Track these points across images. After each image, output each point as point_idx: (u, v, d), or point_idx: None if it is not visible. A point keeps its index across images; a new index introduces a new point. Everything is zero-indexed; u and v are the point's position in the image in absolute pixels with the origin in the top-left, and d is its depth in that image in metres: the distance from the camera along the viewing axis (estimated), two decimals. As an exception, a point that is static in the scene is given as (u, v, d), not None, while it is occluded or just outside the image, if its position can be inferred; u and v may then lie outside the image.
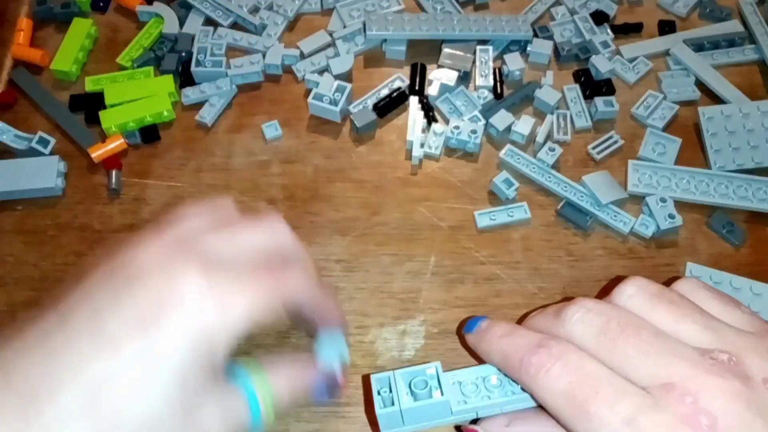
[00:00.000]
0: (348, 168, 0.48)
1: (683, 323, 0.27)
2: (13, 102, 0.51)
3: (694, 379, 0.24)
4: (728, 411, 0.24)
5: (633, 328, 0.27)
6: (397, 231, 0.45)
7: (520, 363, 0.27)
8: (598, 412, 0.25)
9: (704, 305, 0.28)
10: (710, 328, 0.27)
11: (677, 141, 0.48)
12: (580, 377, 0.26)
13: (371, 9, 0.54)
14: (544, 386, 0.26)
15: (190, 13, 0.54)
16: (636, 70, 0.52)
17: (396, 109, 0.50)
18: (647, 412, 0.24)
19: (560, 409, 0.26)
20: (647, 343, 0.26)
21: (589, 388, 0.25)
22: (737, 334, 0.26)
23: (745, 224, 0.45)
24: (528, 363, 0.27)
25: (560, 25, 0.54)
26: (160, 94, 0.50)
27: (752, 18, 0.53)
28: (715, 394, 0.24)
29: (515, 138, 0.48)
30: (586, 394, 0.25)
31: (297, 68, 0.52)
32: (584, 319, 0.28)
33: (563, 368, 0.26)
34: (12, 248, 0.45)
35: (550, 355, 0.27)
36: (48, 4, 0.55)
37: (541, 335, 0.28)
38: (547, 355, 0.27)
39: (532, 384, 0.27)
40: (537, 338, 0.28)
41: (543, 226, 0.45)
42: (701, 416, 0.24)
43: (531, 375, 0.27)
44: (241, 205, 0.46)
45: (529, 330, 0.29)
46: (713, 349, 0.26)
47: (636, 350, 0.26)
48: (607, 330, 0.27)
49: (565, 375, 0.26)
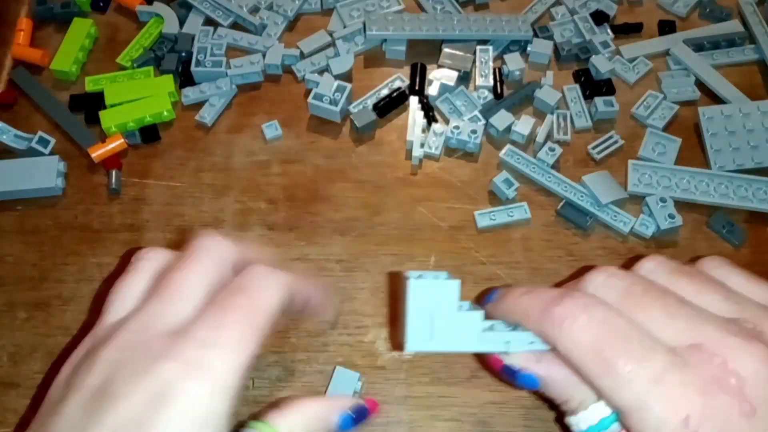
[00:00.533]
0: (348, 168, 0.48)
1: (705, 294, 0.26)
2: (13, 102, 0.51)
3: (723, 341, 0.24)
4: (757, 374, 0.23)
5: (658, 292, 0.26)
6: (397, 231, 0.45)
7: (543, 313, 0.26)
8: (625, 367, 0.24)
9: (726, 281, 0.28)
10: (732, 300, 0.26)
11: (677, 141, 0.48)
12: (607, 330, 0.24)
13: (371, 9, 0.54)
14: (569, 337, 0.25)
15: (190, 13, 0.54)
16: (636, 70, 0.52)
17: (396, 109, 0.50)
18: (675, 371, 0.23)
19: (585, 363, 0.25)
20: (673, 306, 0.25)
21: (617, 342, 0.24)
22: (759, 307, 0.26)
23: (745, 224, 0.45)
24: (551, 313, 0.25)
25: (560, 25, 0.54)
26: (160, 94, 0.50)
27: (752, 18, 0.53)
28: (744, 357, 0.24)
29: (515, 138, 0.48)
30: (615, 348, 0.24)
31: (297, 68, 0.52)
32: (607, 282, 0.27)
33: (590, 320, 0.25)
34: (12, 248, 0.45)
35: (575, 305, 0.25)
36: (48, 4, 0.55)
37: (563, 289, 0.27)
38: (572, 304, 0.25)
39: (555, 334, 0.25)
40: (560, 291, 0.27)
41: (543, 226, 0.45)
42: (730, 377, 0.23)
43: (554, 325, 0.25)
44: (240, 205, 0.46)
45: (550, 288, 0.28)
46: (738, 318, 0.25)
47: (662, 312, 0.25)
48: (631, 292, 0.26)
49: (593, 327, 0.25)
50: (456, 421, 0.38)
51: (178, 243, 0.44)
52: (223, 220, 0.45)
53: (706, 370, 0.23)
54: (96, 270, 0.44)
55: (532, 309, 0.27)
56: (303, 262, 0.44)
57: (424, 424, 0.38)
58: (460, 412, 0.39)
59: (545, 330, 0.26)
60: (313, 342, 0.41)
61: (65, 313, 0.42)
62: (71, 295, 0.43)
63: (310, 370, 0.40)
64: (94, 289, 0.43)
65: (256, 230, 0.45)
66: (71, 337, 0.41)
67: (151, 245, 0.44)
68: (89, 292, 0.43)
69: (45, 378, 0.40)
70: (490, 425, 0.38)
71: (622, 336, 0.24)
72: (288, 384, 0.40)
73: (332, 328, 0.33)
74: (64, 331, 0.42)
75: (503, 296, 0.29)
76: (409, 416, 0.39)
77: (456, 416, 0.39)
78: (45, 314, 0.42)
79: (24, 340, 0.41)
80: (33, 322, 0.42)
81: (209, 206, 0.46)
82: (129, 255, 0.32)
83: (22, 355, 0.41)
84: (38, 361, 0.41)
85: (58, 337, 0.41)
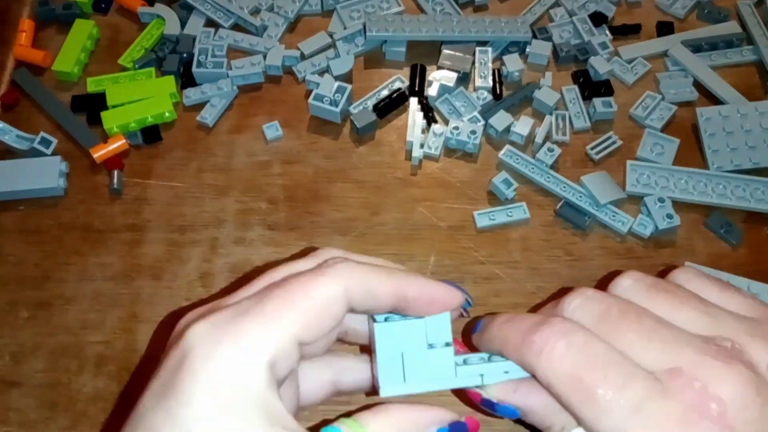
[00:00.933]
0: (348, 168, 0.48)
1: (682, 311, 0.26)
2: (15, 103, 0.51)
3: (701, 364, 0.24)
4: (737, 397, 0.23)
5: (634, 314, 0.26)
6: (397, 231, 0.45)
7: (522, 342, 0.25)
8: (605, 396, 0.23)
9: (702, 293, 0.27)
10: (710, 314, 0.26)
11: (675, 141, 0.48)
12: (587, 357, 0.24)
13: (371, 10, 0.54)
14: (548, 366, 0.25)
15: (191, 15, 0.55)
16: (634, 71, 0.52)
17: (396, 110, 0.50)
18: (656, 399, 0.23)
19: (564, 391, 0.24)
20: (650, 329, 0.25)
21: (596, 369, 0.24)
22: (738, 320, 0.26)
23: (742, 224, 0.45)
24: (530, 341, 0.25)
25: (559, 26, 0.54)
26: (161, 95, 0.50)
27: (750, 19, 0.54)
28: (724, 380, 0.23)
29: (514, 138, 0.49)
30: (595, 376, 0.24)
31: (297, 69, 0.52)
32: (584, 305, 0.26)
33: (568, 347, 0.24)
34: (14, 248, 0.45)
35: (553, 332, 0.25)
36: (50, 5, 0.55)
37: (542, 316, 0.27)
38: (550, 331, 0.25)
39: (534, 363, 0.25)
40: (539, 317, 0.26)
41: (542, 226, 0.45)
42: (711, 402, 0.23)
43: (533, 353, 0.25)
44: (242, 205, 0.46)
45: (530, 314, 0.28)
46: (715, 336, 0.25)
47: (639, 336, 0.25)
48: (608, 316, 0.26)
49: (571, 354, 0.24)
50: (455, 419, 0.39)
51: (180, 243, 0.45)
52: (225, 220, 0.46)
53: (686, 396, 0.23)
54: (98, 270, 0.44)
55: (511, 338, 0.26)
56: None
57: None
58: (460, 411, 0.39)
59: (525, 358, 0.25)
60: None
61: (67, 312, 0.43)
62: (73, 295, 0.43)
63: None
64: (96, 289, 0.43)
65: (256, 230, 0.45)
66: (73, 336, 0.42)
67: (152, 245, 0.45)
68: (91, 291, 0.43)
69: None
70: (491, 424, 0.38)
71: (602, 363, 0.24)
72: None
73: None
74: (66, 330, 0.42)
75: (485, 326, 0.28)
76: (408, 415, 0.39)
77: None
78: (47, 313, 0.43)
79: (26, 339, 0.42)
80: (35, 321, 0.42)
81: (210, 206, 0.46)
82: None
83: (25, 354, 0.41)
84: (40, 360, 0.41)
85: (60, 336, 0.42)
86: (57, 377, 0.40)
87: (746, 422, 0.23)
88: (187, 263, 0.44)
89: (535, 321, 0.26)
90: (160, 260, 0.44)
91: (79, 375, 0.40)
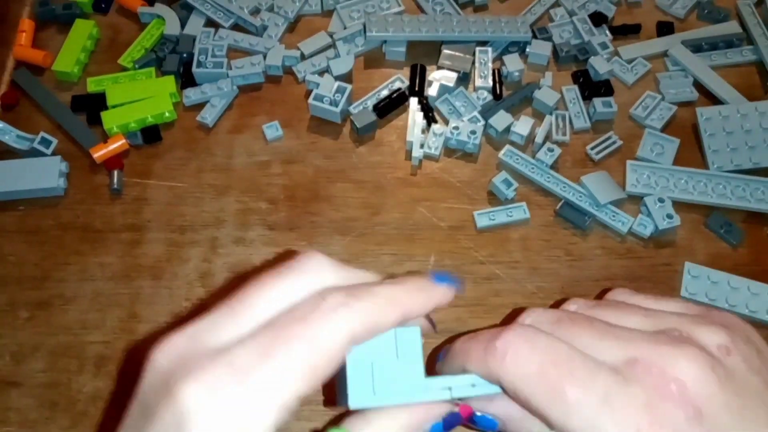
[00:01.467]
0: (348, 168, 0.48)
1: (628, 317, 0.27)
2: (15, 103, 0.51)
3: (655, 351, 0.25)
4: (695, 375, 0.24)
5: (585, 319, 0.27)
6: (397, 231, 0.45)
7: (485, 350, 0.25)
8: (574, 393, 0.24)
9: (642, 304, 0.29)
10: (653, 316, 0.27)
11: (675, 141, 0.48)
12: (551, 357, 0.24)
13: (371, 10, 0.54)
14: (513, 370, 0.25)
15: (191, 15, 0.55)
16: (634, 71, 0.52)
17: (396, 110, 0.50)
18: (620, 389, 0.24)
19: (532, 393, 0.24)
20: (602, 330, 0.26)
21: (562, 367, 0.24)
22: (680, 316, 0.27)
23: (742, 224, 0.45)
24: (492, 348, 0.25)
25: (559, 26, 0.54)
26: (161, 95, 0.50)
27: (750, 19, 0.54)
28: (679, 362, 0.24)
29: (514, 138, 0.49)
30: (560, 374, 0.24)
31: (297, 69, 0.52)
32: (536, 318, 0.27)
33: (532, 349, 0.25)
34: (14, 248, 0.45)
35: (516, 336, 0.25)
36: (50, 5, 0.55)
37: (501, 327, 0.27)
38: (512, 336, 0.25)
39: (498, 370, 0.25)
40: (498, 328, 0.26)
41: (542, 226, 0.45)
42: (670, 383, 0.24)
43: (497, 359, 0.25)
44: (241, 205, 0.46)
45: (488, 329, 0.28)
46: (664, 329, 0.26)
47: (592, 337, 0.26)
48: (560, 321, 0.27)
49: (536, 355, 0.24)
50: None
51: (179, 243, 0.45)
52: (224, 220, 0.46)
53: (646, 381, 0.24)
54: (98, 270, 0.44)
55: (474, 349, 0.26)
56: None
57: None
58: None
59: (489, 366, 0.25)
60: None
61: (67, 312, 0.43)
62: (73, 295, 0.43)
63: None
64: (96, 289, 0.43)
65: (256, 230, 0.45)
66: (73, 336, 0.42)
67: (152, 245, 0.45)
68: (91, 291, 0.43)
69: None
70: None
71: (566, 360, 0.24)
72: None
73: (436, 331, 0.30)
74: (66, 330, 0.42)
75: (449, 349, 0.28)
76: (408, 415, 0.39)
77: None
78: (47, 313, 0.43)
79: (26, 339, 0.42)
80: (35, 321, 0.42)
81: (210, 206, 0.46)
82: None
83: (24, 354, 0.41)
84: (40, 360, 0.41)
85: (59, 336, 0.42)
86: (57, 377, 0.40)
87: (706, 397, 0.23)
88: (187, 263, 0.44)
89: (495, 330, 0.26)
90: (159, 260, 0.44)
91: (79, 375, 0.40)
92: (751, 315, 0.41)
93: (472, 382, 0.27)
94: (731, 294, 0.42)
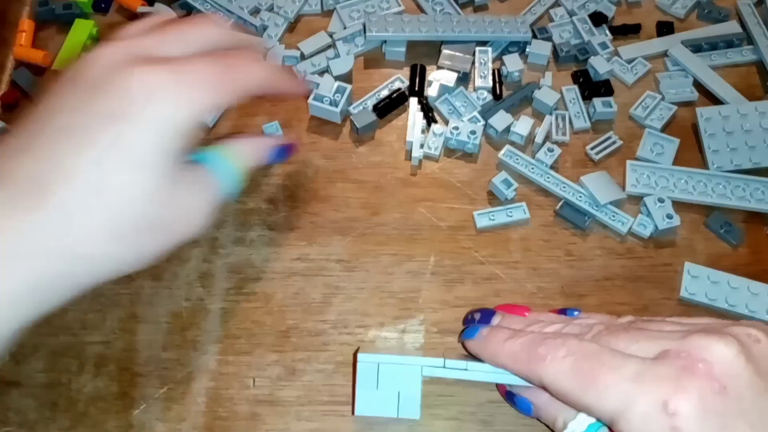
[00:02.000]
0: (348, 168, 0.48)
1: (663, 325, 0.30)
2: (15, 102, 0.51)
3: (686, 343, 0.27)
4: (723, 356, 0.26)
5: (617, 327, 0.30)
6: (396, 231, 0.45)
7: (528, 356, 0.30)
8: (605, 377, 0.27)
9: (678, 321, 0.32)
10: (682, 324, 0.30)
11: (675, 141, 0.48)
12: (584, 354, 0.28)
13: (371, 10, 0.54)
14: (552, 370, 0.29)
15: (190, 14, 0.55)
16: (634, 71, 0.52)
17: (396, 110, 0.50)
18: (649, 369, 0.26)
19: (568, 386, 0.28)
20: (635, 334, 0.29)
21: (594, 360, 0.28)
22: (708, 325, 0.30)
23: (742, 224, 0.45)
24: (536, 354, 0.30)
25: (559, 26, 0.54)
26: (161, 95, 0.50)
27: (750, 19, 0.54)
28: (708, 347, 0.26)
29: (514, 139, 0.49)
30: (591, 365, 0.27)
31: (297, 69, 0.52)
32: (569, 328, 0.32)
33: (568, 349, 0.29)
34: (14, 248, 0.45)
35: (555, 343, 0.30)
36: (50, 5, 0.55)
37: (541, 333, 0.32)
38: (552, 343, 0.30)
39: (540, 371, 0.29)
40: (539, 334, 0.32)
41: (542, 226, 0.45)
42: (698, 363, 0.26)
43: (539, 363, 0.29)
44: (241, 205, 0.46)
45: (528, 331, 0.33)
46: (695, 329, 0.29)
47: (626, 340, 0.29)
48: (595, 330, 0.31)
49: (571, 355, 0.28)
50: (455, 420, 0.39)
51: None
52: (224, 221, 0.46)
53: (675, 363, 0.26)
54: (98, 270, 0.44)
55: (518, 355, 0.31)
56: (303, 262, 0.44)
57: (424, 423, 0.38)
58: (460, 411, 0.39)
59: (533, 370, 0.30)
60: (313, 341, 0.41)
61: (67, 312, 0.42)
62: (73, 295, 0.43)
63: (310, 369, 0.40)
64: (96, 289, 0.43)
65: (256, 230, 0.45)
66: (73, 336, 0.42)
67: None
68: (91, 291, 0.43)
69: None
70: (490, 424, 0.39)
71: (597, 355, 0.28)
72: (288, 383, 0.40)
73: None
74: (66, 330, 0.42)
75: (487, 339, 0.33)
76: (408, 415, 0.39)
77: (455, 415, 0.39)
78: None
79: (26, 340, 0.41)
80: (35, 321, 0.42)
81: (210, 206, 0.46)
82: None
83: (24, 354, 0.41)
84: (40, 360, 0.41)
85: (59, 336, 0.42)
86: (57, 377, 0.40)
87: (732, 377, 0.25)
88: (187, 263, 0.44)
89: (537, 338, 0.31)
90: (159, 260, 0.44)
91: (79, 375, 0.40)
92: (751, 315, 0.41)
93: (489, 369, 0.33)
94: (731, 294, 0.42)
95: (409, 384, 0.34)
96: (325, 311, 0.42)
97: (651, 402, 0.25)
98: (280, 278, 0.43)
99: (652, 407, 0.25)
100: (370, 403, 0.34)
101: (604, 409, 0.27)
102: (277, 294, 0.43)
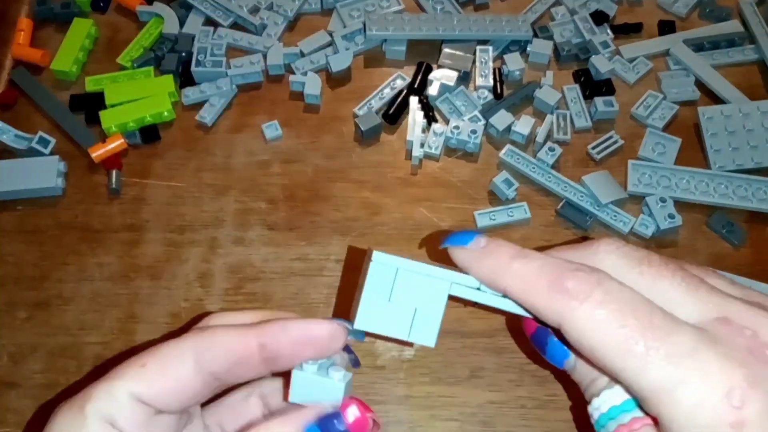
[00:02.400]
0: (348, 168, 0.48)
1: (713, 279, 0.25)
2: (14, 102, 0.51)
3: (748, 314, 0.22)
4: None
5: (674, 263, 0.24)
6: (397, 231, 0.45)
7: (549, 288, 0.23)
8: (653, 344, 0.21)
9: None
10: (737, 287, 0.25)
11: (677, 141, 0.48)
12: (628, 305, 0.22)
13: (371, 9, 0.54)
14: (584, 315, 0.22)
15: (190, 14, 0.54)
16: (636, 70, 0.52)
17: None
18: (708, 344, 0.21)
19: (603, 343, 0.22)
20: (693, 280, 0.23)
21: (641, 317, 0.22)
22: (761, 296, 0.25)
23: (744, 224, 0.45)
24: (562, 288, 0.23)
25: (560, 25, 0.54)
26: (160, 94, 0.50)
27: (752, 18, 0.53)
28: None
29: (515, 138, 0.48)
30: (638, 323, 0.22)
31: (296, 66, 0.52)
32: (619, 251, 0.24)
33: (606, 294, 0.22)
34: (12, 248, 0.45)
35: (589, 280, 0.23)
36: (48, 4, 0.55)
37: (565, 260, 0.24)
38: (585, 278, 0.23)
39: (566, 312, 0.23)
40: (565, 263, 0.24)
41: (543, 226, 0.45)
42: (764, 348, 0.22)
43: (566, 301, 0.23)
44: (241, 204, 0.46)
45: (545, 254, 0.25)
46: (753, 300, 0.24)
47: (682, 284, 0.23)
48: (649, 262, 0.24)
49: (610, 303, 0.22)
50: (456, 420, 0.38)
51: (178, 243, 0.45)
52: (224, 220, 0.46)
53: (737, 341, 0.22)
54: (96, 270, 0.44)
55: (533, 283, 0.24)
56: (302, 262, 0.44)
57: (424, 424, 0.38)
58: (460, 411, 0.39)
59: (554, 307, 0.23)
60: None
61: (65, 312, 0.42)
62: (71, 295, 0.43)
63: (310, 370, 0.40)
64: (95, 289, 0.43)
65: (256, 230, 0.45)
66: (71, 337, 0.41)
67: (151, 245, 0.45)
68: (89, 291, 0.43)
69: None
70: (490, 425, 0.38)
71: (645, 311, 0.22)
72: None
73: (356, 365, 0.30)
74: (65, 330, 0.42)
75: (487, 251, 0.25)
76: (408, 416, 0.39)
77: (455, 416, 0.39)
78: (45, 314, 0.42)
79: (24, 340, 0.41)
80: (33, 321, 0.42)
81: (209, 206, 0.46)
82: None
83: (23, 354, 0.41)
84: (39, 360, 0.41)
85: (58, 336, 0.41)
86: (55, 378, 0.40)
87: None
88: (186, 263, 0.44)
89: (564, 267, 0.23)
90: (158, 260, 0.44)
91: (77, 376, 0.40)
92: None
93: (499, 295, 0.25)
94: (733, 294, 0.42)
95: (431, 302, 0.26)
96: (325, 311, 0.42)
97: (711, 386, 0.21)
98: (279, 278, 0.43)
99: (711, 392, 0.21)
100: (376, 316, 0.27)
101: (646, 381, 0.21)
102: (276, 294, 0.43)
